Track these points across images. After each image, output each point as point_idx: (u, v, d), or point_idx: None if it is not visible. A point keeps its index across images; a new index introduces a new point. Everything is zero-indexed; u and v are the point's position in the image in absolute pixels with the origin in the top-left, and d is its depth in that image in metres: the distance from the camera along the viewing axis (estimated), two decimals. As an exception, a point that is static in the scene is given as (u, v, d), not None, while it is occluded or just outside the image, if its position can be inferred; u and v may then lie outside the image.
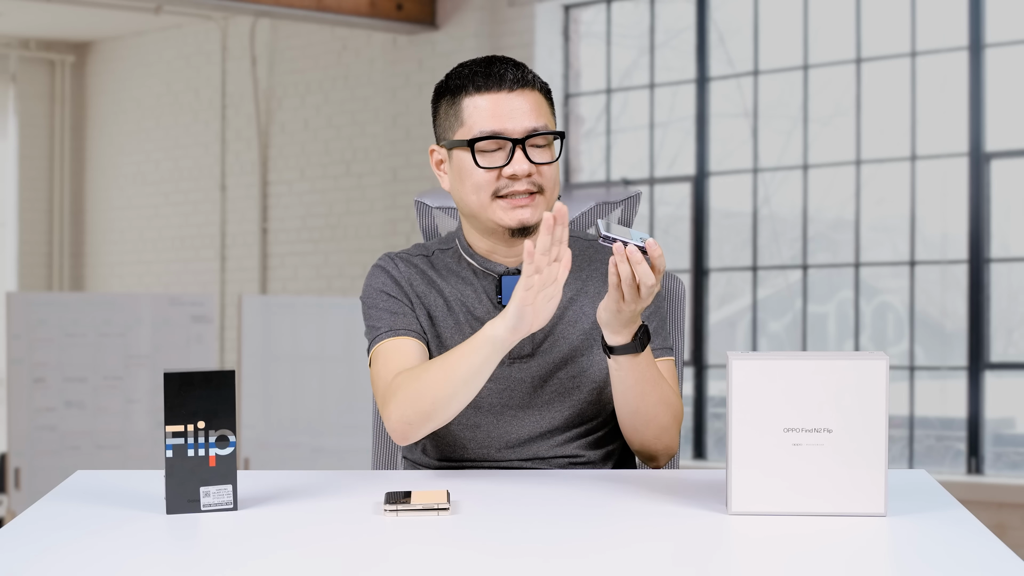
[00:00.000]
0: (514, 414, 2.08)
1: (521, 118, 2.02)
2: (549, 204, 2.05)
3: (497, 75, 2.03)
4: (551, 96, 2.11)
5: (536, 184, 2.03)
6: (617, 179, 6.81)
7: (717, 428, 6.48)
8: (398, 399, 1.95)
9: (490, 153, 2.02)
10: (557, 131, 2.05)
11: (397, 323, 2.07)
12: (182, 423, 1.68)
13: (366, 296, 2.12)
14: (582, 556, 1.47)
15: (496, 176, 2.02)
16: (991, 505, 5.47)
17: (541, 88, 2.07)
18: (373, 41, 7.44)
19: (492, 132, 2.01)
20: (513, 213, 2.03)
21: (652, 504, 1.71)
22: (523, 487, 1.87)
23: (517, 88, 2.03)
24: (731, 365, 1.64)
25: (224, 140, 8.35)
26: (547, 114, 2.06)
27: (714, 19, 6.53)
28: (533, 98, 2.04)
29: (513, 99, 2.02)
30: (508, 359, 2.06)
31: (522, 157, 2.01)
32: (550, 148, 2.04)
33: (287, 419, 5.85)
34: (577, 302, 2.10)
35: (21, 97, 9.13)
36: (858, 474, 1.62)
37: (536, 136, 2.02)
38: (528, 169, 2.01)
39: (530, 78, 2.05)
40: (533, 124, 2.02)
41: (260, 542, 1.56)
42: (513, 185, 2.02)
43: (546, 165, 2.03)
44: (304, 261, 7.89)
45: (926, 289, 6.01)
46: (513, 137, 2.01)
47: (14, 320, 5.35)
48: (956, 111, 5.79)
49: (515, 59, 2.09)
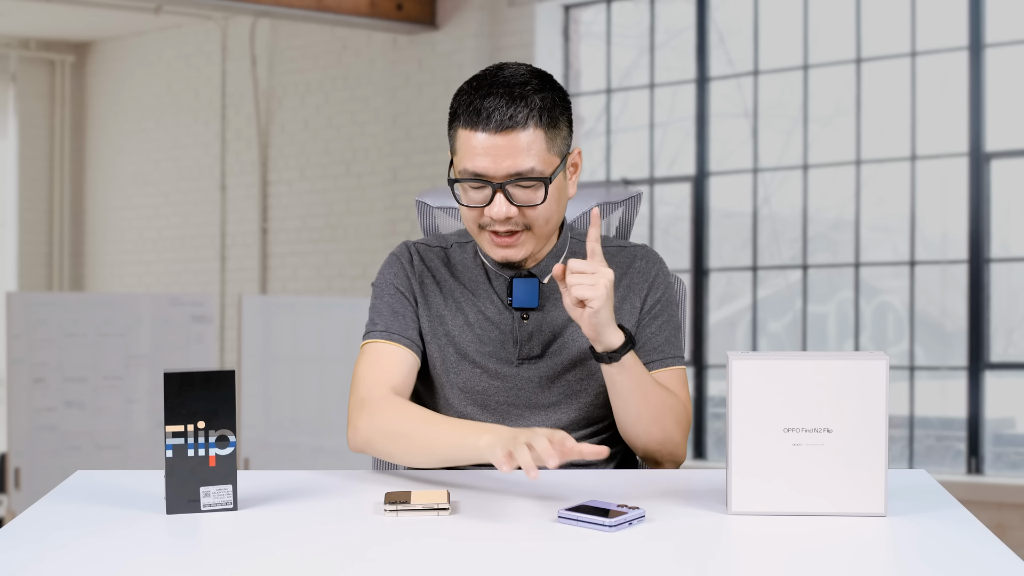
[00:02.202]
0: (520, 413, 2.08)
1: (503, 160, 1.95)
2: (541, 239, 2.04)
3: (487, 113, 1.95)
4: (557, 121, 1.99)
5: (520, 224, 2.00)
6: (617, 179, 6.81)
7: (717, 428, 6.48)
8: (375, 425, 1.95)
9: (476, 190, 1.99)
10: (539, 177, 1.96)
11: (395, 325, 2.07)
12: (182, 423, 1.68)
13: (378, 284, 2.14)
14: (582, 556, 1.47)
15: (480, 214, 2.01)
16: (991, 505, 5.47)
17: (541, 121, 1.96)
18: (373, 41, 7.44)
19: (473, 173, 1.97)
20: (497, 250, 2.03)
21: (652, 504, 1.71)
22: (523, 487, 1.87)
23: (503, 130, 1.94)
24: (731, 365, 1.64)
25: (224, 140, 8.35)
26: (538, 152, 1.96)
27: (714, 19, 6.53)
28: (522, 138, 1.95)
29: (498, 140, 1.95)
30: (517, 359, 2.08)
31: (502, 200, 1.97)
32: (537, 188, 1.98)
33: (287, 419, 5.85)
34: None
35: (21, 97, 9.13)
36: (858, 474, 1.62)
37: (521, 180, 1.97)
38: (506, 213, 1.97)
39: (520, 117, 1.94)
40: (517, 168, 1.95)
41: (260, 542, 1.56)
42: (495, 225, 2.00)
43: (531, 208, 1.98)
44: (304, 261, 7.89)
45: (926, 289, 6.00)
46: (493, 180, 1.97)
47: (14, 320, 5.35)
48: (956, 111, 5.79)
49: (520, 83, 1.97)
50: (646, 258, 2.15)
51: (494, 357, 2.08)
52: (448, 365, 2.09)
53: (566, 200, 2.07)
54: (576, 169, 2.07)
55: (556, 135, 1.99)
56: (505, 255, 2.03)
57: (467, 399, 2.09)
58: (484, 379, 2.08)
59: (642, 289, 2.12)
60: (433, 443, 1.87)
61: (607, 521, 1.57)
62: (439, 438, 1.87)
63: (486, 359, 2.08)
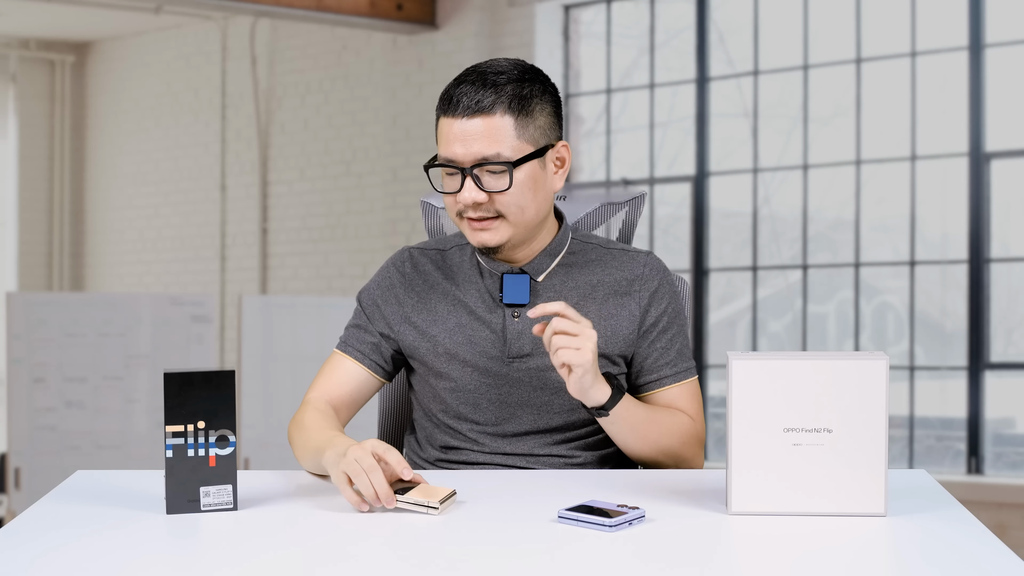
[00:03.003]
0: (512, 412, 2.08)
1: (471, 145, 1.97)
2: (517, 227, 2.03)
3: (456, 99, 1.98)
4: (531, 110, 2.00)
5: (492, 210, 2.01)
6: (617, 179, 6.81)
7: (717, 428, 6.48)
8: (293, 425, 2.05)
9: (451, 176, 2.02)
10: (505, 161, 1.97)
11: (353, 339, 2.14)
12: (182, 423, 1.68)
13: (363, 289, 2.20)
14: (582, 556, 1.47)
15: (454, 200, 2.02)
16: (991, 505, 5.47)
17: (511, 107, 1.97)
18: (373, 41, 7.44)
19: (444, 159, 2.00)
20: (474, 235, 2.03)
21: (652, 504, 1.71)
22: (523, 487, 1.87)
23: (470, 114, 1.97)
24: (731, 365, 1.64)
25: (224, 140, 8.35)
26: (506, 139, 1.97)
27: (714, 19, 6.53)
28: (490, 124, 1.97)
29: (465, 125, 1.97)
30: (507, 358, 2.07)
31: (470, 185, 1.98)
32: (504, 174, 1.98)
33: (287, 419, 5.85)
34: (582, 306, 2.08)
35: (21, 97, 9.13)
36: (858, 474, 1.62)
37: (486, 165, 1.98)
38: (473, 198, 1.98)
39: (488, 103, 1.96)
40: (483, 152, 1.97)
41: (260, 542, 1.56)
42: (468, 211, 2.02)
43: (499, 193, 1.99)
44: (304, 261, 7.89)
45: (926, 289, 6.00)
46: (461, 165, 1.99)
47: (14, 320, 5.35)
48: (956, 111, 5.79)
49: (495, 71, 2.00)
50: (649, 265, 2.12)
51: (484, 355, 2.07)
52: (440, 366, 2.10)
53: (548, 192, 2.05)
54: (563, 164, 2.07)
55: (529, 123, 1.99)
56: (480, 239, 2.03)
57: (460, 399, 2.09)
58: (475, 378, 2.08)
59: (643, 298, 2.10)
60: (307, 450, 1.95)
61: (607, 521, 1.57)
62: (310, 446, 1.94)
63: (476, 358, 2.08)
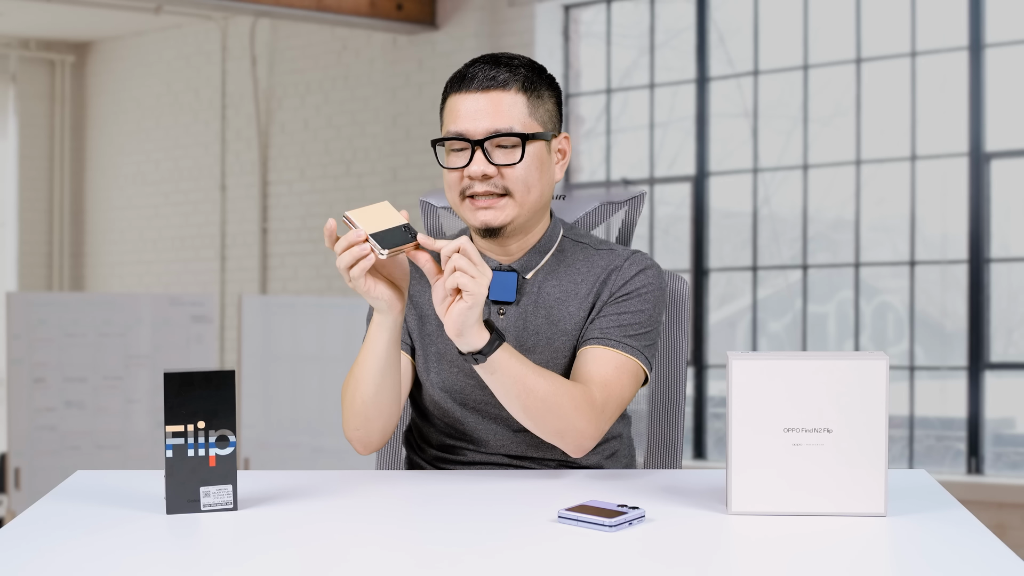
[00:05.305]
0: (497, 412, 2.07)
1: (483, 119, 1.98)
2: (522, 207, 2.01)
3: (470, 75, 2.00)
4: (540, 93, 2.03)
5: (500, 186, 2.00)
6: (617, 179, 6.81)
7: (717, 428, 6.48)
8: (344, 413, 2.04)
9: (458, 153, 2.02)
10: (518, 133, 1.98)
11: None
12: (182, 423, 1.68)
13: None
14: (582, 556, 1.47)
15: (460, 176, 2.01)
16: (991, 505, 5.47)
17: (524, 87, 2.01)
18: (373, 41, 7.44)
19: (455, 133, 2.00)
20: (476, 214, 2.02)
21: (652, 504, 1.71)
22: (523, 486, 1.87)
23: (484, 89, 1.99)
24: (731, 365, 1.64)
25: (224, 140, 8.35)
26: (519, 115, 2.00)
27: (714, 19, 6.53)
28: (504, 99, 1.99)
29: (479, 100, 1.99)
30: None
31: (480, 158, 1.98)
32: (516, 148, 1.99)
33: (287, 419, 5.85)
34: (564, 304, 2.07)
35: (21, 97, 9.12)
36: (858, 474, 1.62)
37: (498, 137, 1.98)
38: (483, 171, 1.98)
39: (502, 79, 1.99)
40: (495, 126, 1.98)
41: (260, 542, 1.56)
42: (475, 186, 2.00)
43: (509, 167, 1.99)
44: (304, 261, 7.89)
45: (926, 289, 6.00)
46: (472, 138, 1.99)
47: (14, 320, 5.35)
48: (956, 111, 5.79)
49: (508, 56, 2.04)
50: (630, 260, 2.08)
51: None
52: (430, 365, 2.10)
53: (551, 178, 2.05)
54: (564, 155, 2.09)
55: (539, 104, 2.03)
56: (485, 218, 2.01)
57: (448, 397, 2.10)
58: (461, 377, 2.08)
59: (615, 284, 2.06)
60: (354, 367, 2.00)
61: (607, 521, 1.57)
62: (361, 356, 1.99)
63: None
